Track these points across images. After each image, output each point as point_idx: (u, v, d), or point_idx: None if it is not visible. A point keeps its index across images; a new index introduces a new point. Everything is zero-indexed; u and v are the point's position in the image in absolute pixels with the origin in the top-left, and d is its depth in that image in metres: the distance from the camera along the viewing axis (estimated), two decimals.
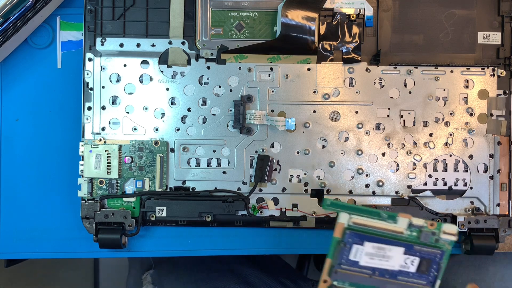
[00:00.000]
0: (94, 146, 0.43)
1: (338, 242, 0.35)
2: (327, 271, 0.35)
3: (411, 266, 0.35)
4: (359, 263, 0.35)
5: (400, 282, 0.35)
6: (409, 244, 0.34)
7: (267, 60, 0.43)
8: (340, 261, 0.35)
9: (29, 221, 0.46)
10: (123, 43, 0.44)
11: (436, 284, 0.35)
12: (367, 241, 0.34)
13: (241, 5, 0.44)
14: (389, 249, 0.34)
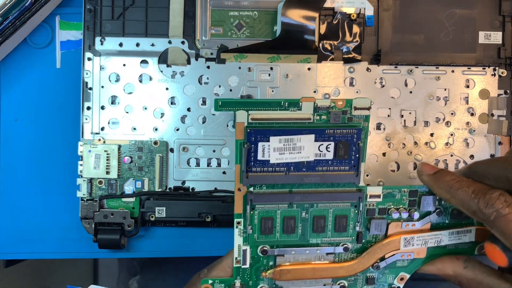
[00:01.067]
0: (93, 146, 0.43)
1: (241, 144, 0.30)
2: (239, 178, 0.31)
3: (327, 153, 0.31)
4: (270, 162, 0.30)
5: (321, 173, 0.31)
6: (320, 129, 0.30)
7: (267, 59, 0.43)
8: (249, 164, 0.30)
9: (28, 221, 0.46)
10: (122, 43, 0.43)
11: (360, 167, 0.31)
12: (272, 135, 0.30)
13: (241, 5, 0.43)
14: (298, 139, 0.30)
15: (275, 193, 0.32)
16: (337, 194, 0.32)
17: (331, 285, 0.34)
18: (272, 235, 0.32)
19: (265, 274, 0.33)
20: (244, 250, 0.33)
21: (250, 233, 0.32)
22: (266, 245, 0.33)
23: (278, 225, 0.32)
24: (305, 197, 0.32)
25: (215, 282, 0.33)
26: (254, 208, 0.32)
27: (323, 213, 0.32)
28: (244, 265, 0.33)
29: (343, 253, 0.33)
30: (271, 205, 0.32)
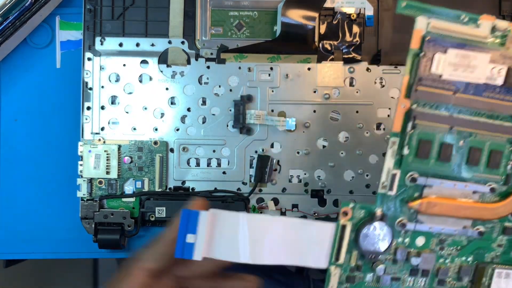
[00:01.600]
0: (93, 146, 0.43)
1: (416, 54, 0.29)
2: (405, 91, 0.29)
3: (498, 78, 0.29)
4: (442, 77, 0.29)
5: (486, 100, 0.30)
6: (495, 50, 0.29)
7: (267, 59, 0.43)
8: (420, 76, 0.29)
9: (29, 221, 0.46)
10: (122, 43, 0.43)
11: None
12: (451, 47, 0.29)
13: (241, 5, 0.43)
14: (474, 56, 0.29)
15: (438, 114, 0.30)
16: (496, 125, 0.30)
17: (469, 228, 0.32)
18: (426, 161, 0.30)
19: (412, 204, 0.31)
20: (393, 175, 0.30)
21: (406, 154, 0.30)
22: (417, 172, 0.30)
23: (434, 150, 0.30)
24: (466, 123, 0.30)
25: (356, 206, 0.30)
26: (415, 127, 0.30)
27: (480, 144, 0.31)
28: (390, 191, 0.31)
29: (488, 194, 0.31)
30: (432, 127, 0.30)
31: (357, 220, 0.30)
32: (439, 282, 0.33)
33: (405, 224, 0.31)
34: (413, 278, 0.32)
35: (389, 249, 0.31)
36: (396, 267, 0.32)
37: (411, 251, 0.32)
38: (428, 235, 0.32)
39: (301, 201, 0.44)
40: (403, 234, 0.31)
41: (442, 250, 0.32)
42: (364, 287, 0.32)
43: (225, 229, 0.29)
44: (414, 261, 0.31)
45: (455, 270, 0.33)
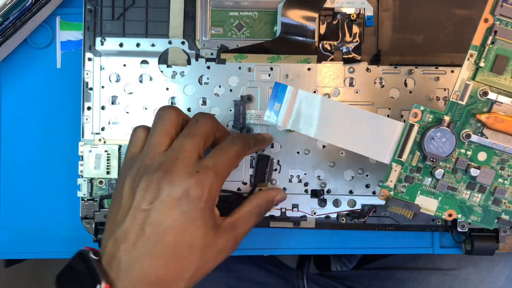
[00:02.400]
0: (93, 146, 0.43)
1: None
2: (491, 7, 0.31)
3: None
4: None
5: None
6: None
7: (267, 60, 0.43)
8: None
9: (29, 221, 0.46)
10: (122, 43, 0.43)
11: None
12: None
13: (241, 5, 0.44)
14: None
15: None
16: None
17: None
18: (501, 77, 0.32)
19: (480, 116, 0.32)
20: (466, 85, 0.32)
21: (481, 67, 0.32)
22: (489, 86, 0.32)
23: (510, 68, 0.32)
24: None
25: (426, 110, 0.33)
26: (494, 42, 0.31)
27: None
28: (461, 101, 0.32)
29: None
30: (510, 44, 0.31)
31: (425, 123, 0.32)
32: (495, 201, 0.33)
33: (470, 135, 0.32)
34: (470, 192, 0.33)
35: (451, 156, 0.32)
36: (454, 177, 0.33)
37: (471, 164, 0.33)
38: (490, 152, 0.33)
39: (301, 201, 0.44)
40: (466, 146, 0.33)
41: (503, 170, 0.33)
42: (421, 189, 0.34)
43: (303, 105, 0.34)
44: (473, 172, 0.32)
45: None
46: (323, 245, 0.46)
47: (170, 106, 0.38)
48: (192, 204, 0.32)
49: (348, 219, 0.44)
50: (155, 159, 0.34)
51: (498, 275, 0.51)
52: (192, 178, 0.33)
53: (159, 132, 0.35)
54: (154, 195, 0.32)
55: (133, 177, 0.34)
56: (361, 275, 0.62)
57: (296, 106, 0.34)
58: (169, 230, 0.32)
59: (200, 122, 0.36)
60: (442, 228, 0.44)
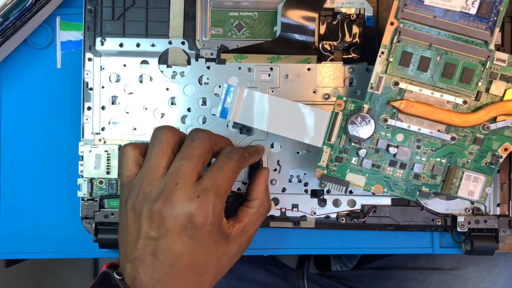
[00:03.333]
0: (93, 146, 0.43)
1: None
2: (394, 13, 0.37)
3: (471, 8, 0.36)
4: (424, 2, 0.36)
5: (461, 25, 0.37)
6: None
7: (267, 60, 0.43)
8: (405, 1, 0.37)
9: (29, 221, 0.46)
10: (123, 43, 0.44)
11: (494, 31, 0.36)
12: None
13: (241, 5, 0.44)
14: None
15: (419, 33, 0.37)
16: (470, 48, 0.37)
17: (444, 133, 0.38)
18: (407, 69, 0.37)
19: (393, 103, 0.37)
20: (380, 78, 0.38)
21: (391, 62, 0.37)
22: (399, 77, 0.38)
23: (415, 61, 0.37)
24: (443, 42, 0.37)
25: (348, 100, 0.38)
26: (400, 41, 0.37)
27: (455, 62, 0.37)
28: (377, 91, 0.38)
29: (461, 105, 0.38)
30: (414, 42, 0.37)
31: (347, 111, 0.38)
32: (415, 176, 0.39)
33: (386, 120, 0.38)
34: (392, 168, 0.39)
35: (372, 138, 0.38)
36: (377, 156, 0.39)
37: (391, 144, 0.38)
38: (406, 133, 0.38)
39: (301, 201, 0.44)
40: (385, 129, 0.38)
41: (419, 149, 0.38)
42: (350, 167, 0.39)
43: (250, 102, 0.38)
44: (392, 151, 0.38)
45: (429, 167, 0.39)
46: (323, 245, 0.46)
47: (166, 126, 0.37)
48: (198, 229, 0.33)
49: (348, 219, 0.44)
50: (154, 185, 0.34)
51: (498, 274, 0.51)
52: (194, 203, 0.33)
53: (156, 155, 0.35)
54: (159, 224, 0.33)
55: (134, 204, 0.34)
56: (361, 275, 0.62)
57: (244, 103, 0.38)
58: (181, 254, 0.33)
59: (196, 142, 0.35)
60: (442, 228, 0.44)
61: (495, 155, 0.38)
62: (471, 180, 0.38)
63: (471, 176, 0.38)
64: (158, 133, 0.36)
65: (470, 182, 0.38)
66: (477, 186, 0.38)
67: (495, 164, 0.38)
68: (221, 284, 0.55)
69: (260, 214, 0.38)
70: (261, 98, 0.38)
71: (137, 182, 0.35)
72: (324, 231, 0.45)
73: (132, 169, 0.36)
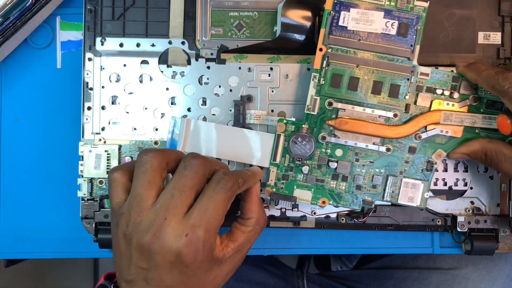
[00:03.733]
0: (93, 146, 0.43)
1: (328, 13, 0.40)
2: (322, 40, 0.40)
3: (391, 29, 0.39)
4: (348, 28, 0.40)
5: (384, 45, 0.40)
6: (389, 9, 0.40)
7: (267, 60, 0.43)
8: (331, 28, 0.40)
9: (29, 221, 0.46)
10: (123, 43, 0.43)
11: (415, 48, 0.40)
12: (352, 8, 0.39)
13: (241, 5, 0.44)
14: (371, 13, 0.39)
15: (346, 56, 0.40)
16: (395, 65, 0.40)
17: (379, 145, 0.40)
18: (339, 89, 0.40)
19: (328, 122, 0.40)
20: (315, 99, 0.40)
21: (323, 84, 0.40)
22: (332, 98, 0.40)
23: (345, 82, 0.40)
24: (369, 62, 0.40)
25: (289, 122, 0.41)
26: (329, 64, 0.40)
27: (381, 79, 0.40)
28: (313, 112, 0.40)
29: (392, 118, 0.40)
30: (342, 64, 0.40)
31: (289, 132, 0.41)
32: (357, 187, 0.41)
33: (325, 137, 0.41)
34: (335, 182, 0.41)
35: (313, 155, 0.41)
36: (320, 171, 0.41)
37: (331, 159, 0.41)
38: (344, 148, 0.41)
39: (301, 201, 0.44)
40: (325, 146, 0.41)
41: (358, 162, 0.41)
42: (296, 184, 0.41)
43: (197, 132, 0.41)
44: (332, 165, 0.41)
45: (370, 178, 0.41)
46: (323, 245, 0.46)
47: (151, 152, 0.34)
48: (188, 266, 0.32)
49: (348, 219, 0.44)
50: (143, 216, 0.33)
51: (498, 274, 0.51)
52: (181, 241, 0.32)
53: (143, 186, 0.33)
54: (149, 258, 0.32)
55: (124, 232, 0.33)
56: (361, 275, 0.62)
57: (192, 133, 0.41)
58: (173, 284, 0.33)
59: (189, 171, 0.34)
60: (442, 228, 0.44)
61: (429, 161, 0.41)
62: (409, 187, 0.41)
63: (409, 183, 0.41)
64: (142, 160, 0.34)
65: (409, 189, 0.41)
66: (415, 192, 0.41)
67: (430, 170, 0.41)
68: None
69: (256, 232, 0.37)
70: (208, 127, 0.41)
71: (126, 210, 0.34)
72: (324, 231, 0.45)
73: (120, 196, 0.35)
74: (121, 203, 0.35)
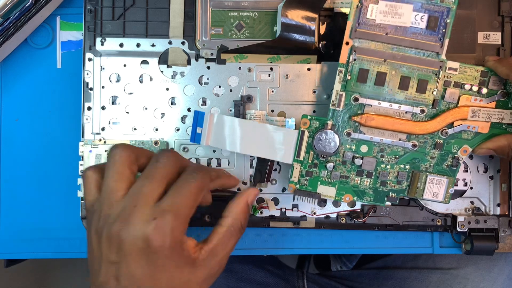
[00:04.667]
0: (94, 146, 0.43)
1: (356, 5, 0.38)
2: (348, 33, 0.39)
3: (421, 23, 0.38)
4: (376, 21, 0.38)
5: (412, 39, 0.39)
6: (418, 2, 0.38)
7: (267, 60, 0.43)
8: (358, 21, 0.38)
9: (29, 221, 0.46)
10: (123, 43, 0.44)
11: (444, 43, 0.39)
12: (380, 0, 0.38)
13: (241, 5, 0.44)
14: (400, 6, 0.38)
15: (374, 50, 0.39)
16: (423, 60, 0.39)
17: (405, 141, 0.40)
18: (365, 85, 0.39)
19: (354, 117, 0.40)
20: (340, 95, 0.39)
21: (349, 80, 0.39)
22: (358, 93, 0.39)
23: (372, 77, 0.39)
24: (396, 57, 0.39)
25: (313, 118, 0.40)
26: (356, 59, 0.39)
27: (409, 74, 0.39)
28: (338, 108, 0.40)
29: (419, 114, 0.40)
30: (369, 59, 0.39)
31: (313, 129, 0.40)
32: (382, 183, 0.41)
33: (350, 133, 0.40)
34: (360, 178, 0.41)
35: (338, 151, 0.40)
36: (344, 167, 0.41)
37: (356, 155, 0.40)
38: (370, 144, 0.40)
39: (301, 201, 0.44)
40: (350, 142, 0.40)
41: (383, 158, 0.41)
42: (320, 180, 0.41)
43: (221, 126, 0.41)
44: (357, 162, 0.40)
45: (395, 174, 0.41)
46: (323, 245, 0.46)
47: (120, 145, 0.35)
48: (156, 253, 0.31)
49: (348, 219, 0.44)
50: (113, 208, 0.33)
51: (498, 274, 0.51)
52: (150, 226, 0.31)
53: (112, 177, 0.33)
54: (118, 247, 0.32)
55: (96, 228, 0.33)
56: (361, 275, 0.62)
57: (215, 127, 0.41)
58: (143, 279, 0.32)
59: (160, 163, 0.34)
60: (442, 228, 0.44)
61: (455, 157, 0.40)
62: (434, 183, 0.40)
63: (434, 179, 0.40)
64: (112, 153, 0.34)
65: (434, 184, 0.40)
66: (440, 188, 0.40)
67: (455, 166, 0.40)
68: (221, 284, 0.55)
69: (232, 234, 0.35)
70: (232, 122, 0.41)
71: (97, 206, 0.34)
72: (324, 231, 0.45)
73: (93, 193, 0.35)
74: (93, 201, 0.34)
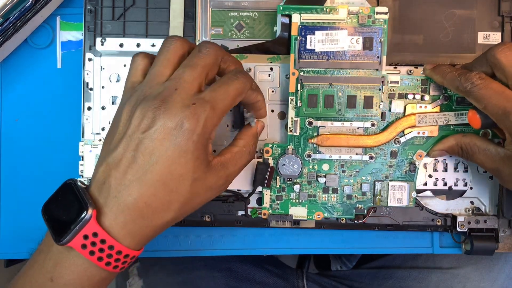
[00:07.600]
0: (94, 146, 0.43)
1: (295, 38, 0.41)
2: (293, 64, 0.42)
3: (357, 45, 0.41)
4: (315, 50, 0.41)
5: (353, 61, 0.41)
6: (352, 27, 0.41)
7: (267, 60, 0.43)
8: (300, 53, 0.41)
9: (29, 221, 0.46)
10: (123, 43, 0.44)
11: (382, 59, 0.41)
12: (317, 30, 0.41)
13: (241, 5, 0.44)
14: (335, 33, 0.41)
15: (318, 76, 0.42)
16: (365, 78, 0.42)
17: (362, 155, 0.42)
18: (316, 108, 0.42)
19: (311, 140, 0.42)
20: (295, 121, 0.42)
21: (300, 106, 0.42)
22: (312, 117, 0.42)
23: (320, 100, 0.42)
24: (341, 79, 0.42)
25: (274, 145, 0.42)
26: (303, 87, 0.42)
27: (355, 93, 0.42)
28: (295, 133, 0.42)
29: (371, 128, 0.42)
30: (315, 85, 0.42)
31: (276, 155, 0.43)
32: (347, 197, 0.43)
33: (310, 155, 0.43)
34: (326, 195, 0.43)
35: (302, 173, 0.43)
36: (311, 187, 0.43)
37: (320, 174, 0.43)
38: (330, 162, 0.43)
39: None
40: (311, 162, 0.43)
41: (344, 173, 0.43)
42: (290, 202, 0.43)
43: None
44: (321, 180, 0.43)
45: (358, 187, 0.43)
46: (323, 245, 0.46)
47: (175, 37, 0.36)
48: (185, 136, 0.32)
49: (348, 219, 0.44)
50: (154, 89, 0.34)
51: (498, 273, 0.51)
52: (188, 109, 0.32)
53: (161, 63, 0.35)
54: (149, 124, 0.32)
55: (131, 106, 0.34)
56: (361, 274, 0.62)
57: None
58: (160, 159, 0.32)
59: (203, 52, 0.35)
60: (442, 228, 0.44)
61: (411, 162, 0.42)
62: (396, 189, 0.43)
63: (396, 185, 0.42)
64: (166, 43, 0.36)
65: (396, 191, 0.43)
66: (403, 193, 0.43)
67: (413, 171, 0.43)
68: (221, 284, 0.55)
69: (243, 154, 0.37)
70: None
71: (139, 87, 0.35)
72: (324, 231, 0.45)
73: (138, 76, 0.36)
74: (136, 83, 0.36)
